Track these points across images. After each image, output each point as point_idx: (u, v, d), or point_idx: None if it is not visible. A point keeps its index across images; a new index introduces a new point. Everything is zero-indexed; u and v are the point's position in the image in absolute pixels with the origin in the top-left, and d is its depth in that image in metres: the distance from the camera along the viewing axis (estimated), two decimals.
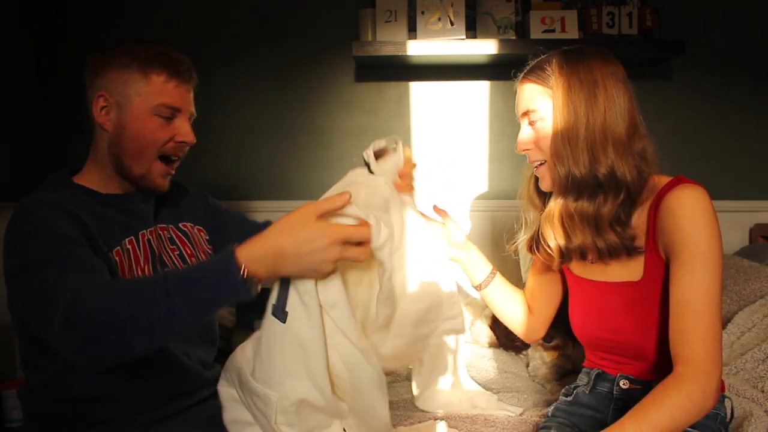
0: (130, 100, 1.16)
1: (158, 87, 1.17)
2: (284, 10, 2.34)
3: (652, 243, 1.04)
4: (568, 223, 1.08)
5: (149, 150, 1.18)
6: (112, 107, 1.17)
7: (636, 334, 1.08)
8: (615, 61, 1.10)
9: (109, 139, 1.18)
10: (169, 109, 1.18)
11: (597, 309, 1.14)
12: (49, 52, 2.35)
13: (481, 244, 2.34)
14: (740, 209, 2.29)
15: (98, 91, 1.17)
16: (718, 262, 0.97)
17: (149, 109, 1.16)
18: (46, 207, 1.08)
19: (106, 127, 1.17)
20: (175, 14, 2.35)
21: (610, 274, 1.11)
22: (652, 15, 2.14)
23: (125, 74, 1.16)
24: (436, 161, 2.37)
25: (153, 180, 1.20)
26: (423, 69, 2.33)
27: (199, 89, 1.25)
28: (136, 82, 1.16)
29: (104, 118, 1.17)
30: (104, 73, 1.17)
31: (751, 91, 2.32)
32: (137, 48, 1.18)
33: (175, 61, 1.19)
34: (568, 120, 1.05)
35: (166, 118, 1.18)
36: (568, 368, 1.59)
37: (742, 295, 1.72)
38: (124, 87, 1.16)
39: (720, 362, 0.95)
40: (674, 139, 2.31)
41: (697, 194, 1.00)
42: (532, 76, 1.11)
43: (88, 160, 1.24)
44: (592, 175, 1.04)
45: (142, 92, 1.16)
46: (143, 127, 1.16)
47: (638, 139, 1.06)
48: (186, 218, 1.34)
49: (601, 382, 1.16)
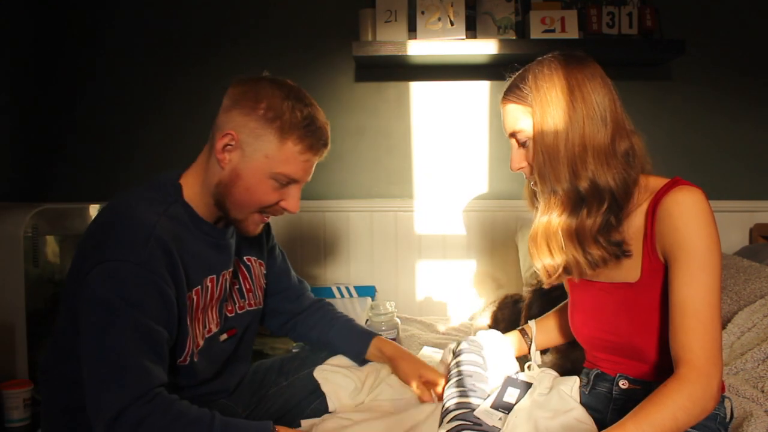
0: (255, 156, 1.11)
1: (289, 156, 1.11)
2: (284, 10, 2.34)
3: (649, 245, 1.04)
4: (551, 241, 1.08)
5: (252, 206, 1.16)
6: (235, 150, 1.12)
7: (633, 334, 1.08)
8: (590, 63, 1.07)
9: (221, 178, 1.14)
10: (288, 179, 1.14)
11: (595, 309, 1.15)
12: (50, 52, 2.35)
13: (481, 244, 2.36)
14: (740, 209, 2.29)
15: (229, 128, 1.12)
16: (717, 264, 0.97)
17: (270, 173, 1.12)
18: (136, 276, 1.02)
19: (223, 165, 1.13)
20: (174, 14, 2.35)
21: (608, 275, 1.11)
22: (652, 15, 2.14)
23: (263, 129, 1.10)
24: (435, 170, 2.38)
25: (247, 227, 1.19)
26: (423, 69, 2.33)
27: (199, 89, 1.25)
28: (269, 143, 1.10)
29: (224, 156, 1.12)
30: (243, 114, 1.11)
31: (751, 91, 2.32)
32: (284, 104, 1.11)
33: (318, 134, 1.14)
34: (548, 138, 1.04)
35: (281, 183, 1.14)
36: (567, 368, 1.59)
37: (742, 295, 1.72)
38: (256, 141, 1.11)
39: (720, 364, 0.95)
40: (674, 139, 2.31)
41: (694, 196, 0.99)
42: (512, 96, 1.10)
43: (195, 173, 1.19)
44: (573, 190, 1.04)
45: (271, 156, 1.11)
46: (256, 186, 1.13)
47: (622, 139, 1.05)
48: (252, 252, 1.35)
49: (600, 382, 1.16)
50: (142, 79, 2.37)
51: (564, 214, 1.06)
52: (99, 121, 2.38)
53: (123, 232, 1.04)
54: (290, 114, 1.11)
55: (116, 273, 1.00)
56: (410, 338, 1.91)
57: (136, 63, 2.36)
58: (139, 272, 1.01)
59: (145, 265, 1.02)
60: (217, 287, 1.20)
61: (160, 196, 1.14)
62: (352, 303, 2.11)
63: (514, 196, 2.28)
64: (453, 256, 2.36)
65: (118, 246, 1.02)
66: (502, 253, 2.30)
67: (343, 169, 2.38)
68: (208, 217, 1.19)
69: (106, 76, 2.37)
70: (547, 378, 1.18)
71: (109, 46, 2.36)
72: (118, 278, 1.00)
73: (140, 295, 1.02)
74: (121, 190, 1.16)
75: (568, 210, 1.06)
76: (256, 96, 1.12)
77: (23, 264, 1.73)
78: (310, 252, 2.37)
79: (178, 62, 2.35)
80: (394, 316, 1.78)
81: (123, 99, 2.37)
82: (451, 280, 2.36)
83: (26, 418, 1.59)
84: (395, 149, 2.38)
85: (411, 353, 1.38)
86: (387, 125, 2.37)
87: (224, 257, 1.23)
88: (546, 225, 1.08)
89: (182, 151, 2.33)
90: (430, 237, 2.37)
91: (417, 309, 2.35)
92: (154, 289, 1.03)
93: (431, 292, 2.38)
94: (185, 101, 2.34)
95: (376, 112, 2.37)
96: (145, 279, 1.02)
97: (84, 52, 2.36)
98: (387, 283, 2.35)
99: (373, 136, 2.37)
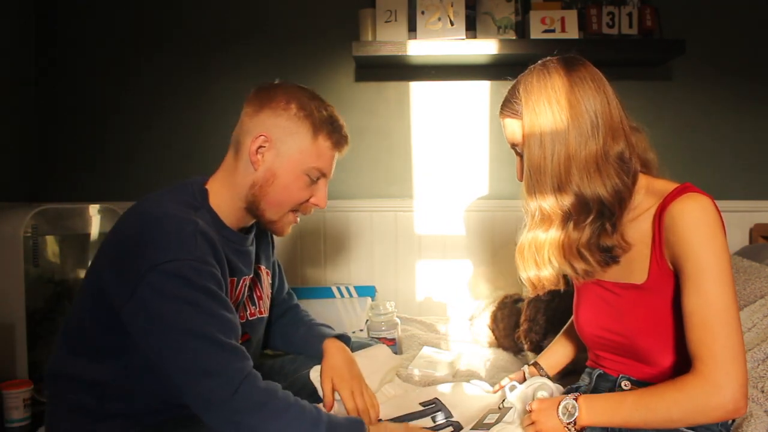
0: (290, 152, 1.17)
1: (321, 151, 1.19)
2: (284, 10, 2.34)
3: (658, 251, 1.03)
4: (538, 255, 1.08)
5: (288, 204, 1.21)
6: (269, 151, 1.17)
7: (637, 336, 1.07)
8: (580, 66, 1.05)
9: (255, 180, 1.18)
10: (320, 173, 1.21)
11: (600, 308, 1.14)
12: (50, 52, 2.35)
13: (481, 244, 2.36)
14: (740, 209, 2.29)
15: (261, 130, 1.17)
16: (727, 274, 0.96)
17: (305, 168, 1.18)
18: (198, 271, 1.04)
19: (257, 166, 1.17)
20: (174, 15, 2.35)
21: (615, 274, 1.11)
22: (652, 15, 2.14)
23: (297, 126, 1.17)
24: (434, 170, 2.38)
25: (281, 228, 1.25)
26: (423, 69, 2.33)
27: (199, 89, 1.26)
28: (304, 139, 1.17)
29: (258, 158, 1.17)
30: (274, 115, 1.17)
31: (750, 90, 2.32)
32: (312, 104, 1.19)
33: (341, 131, 1.22)
34: (534, 153, 1.04)
35: (312, 179, 1.21)
36: (568, 368, 1.59)
37: (742, 295, 1.72)
38: (290, 138, 1.17)
39: (738, 375, 0.93)
40: (674, 139, 2.31)
41: (702, 206, 0.98)
42: (507, 110, 1.10)
43: (222, 179, 1.22)
44: (559, 204, 1.04)
45: (305, 151, 1.18)
46: (293, 182, 1.19)
47: (616, 142, 1.03)
48: (263, 261, 1.39)
49: (602, 382, 1.16)
50: (143, 80, 2.36)
51: (551, 228, 1.06)
52: (99, 121, 2.38)
53: (169, 231, 1.04)
54: (318, 112, 1.18)
55: (179, 272, 1.01)
56: (410, 338, 1.91)
57: (136, 64, 2.36)
58: (198, 267, 1.03)
59: (201, 258, 1.04)
60: (235, 291, 1.23)
61: (187, 200, 1.16)
62: (352, 303, 2.11)
63: (514, 197, 2.27)
64: (453, 256, 2.36)
65: (169, 246, 1.03)
66: (502, 253, 2.30)
67: (343, 169, 2.36)
68: (233, 224, 1.22)
69: (106, 76, 2.36)
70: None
71: (109, 47, 2.36)
72: (182, 276, 1.01)
73: (207, 287, 1.04)
74: (122, 191, 1.16)
75: (554, 224, 1.06)
76: (286, 97, 1.18)
77: (23, 264, 1.73)
78: (310, 252, 2.37)
79: (179, 63, 2.35)
80: (394, 316, 1.79)
81: (123, 99, 2.37)
82: (451, 280, 2.36)
83: (26, 418, 1.59)
84: (395, 149, 2.38)
85: (346, 360, 1.34)
86: (387, 125, 2.37)
87: (246, 264, 1.25)
88: (532, 240, 1.09)
89: (182, 151, 2.35)
90: (430, 237, 2.37)
91: (417, 309, 2.35)
92: (215, 281, 1.06)
93: (431, 292, 2.38)
94: (186, 101, 2.34)
95: (376, 112, 2.37)
96: (207, 272, 1.04)
97: (84, 53, 2.36)
98: (387, 283, 2.35)
99: (373, 136, 2.37)
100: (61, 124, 2.37)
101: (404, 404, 1.31)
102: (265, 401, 1.02)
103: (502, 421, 1.12)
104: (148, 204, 1.13)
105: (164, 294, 1.00)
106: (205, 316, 1.02)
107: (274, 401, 1.03)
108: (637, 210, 1.07)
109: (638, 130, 1.10)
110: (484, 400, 1.30)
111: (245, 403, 1.00)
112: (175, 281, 1.01)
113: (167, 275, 1.01)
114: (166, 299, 1.00)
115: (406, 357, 1.73)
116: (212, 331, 1.01)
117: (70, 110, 2.37)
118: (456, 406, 1.28)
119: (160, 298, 1.00)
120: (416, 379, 1.57)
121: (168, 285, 1.00)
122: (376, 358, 1.42)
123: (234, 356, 1.03)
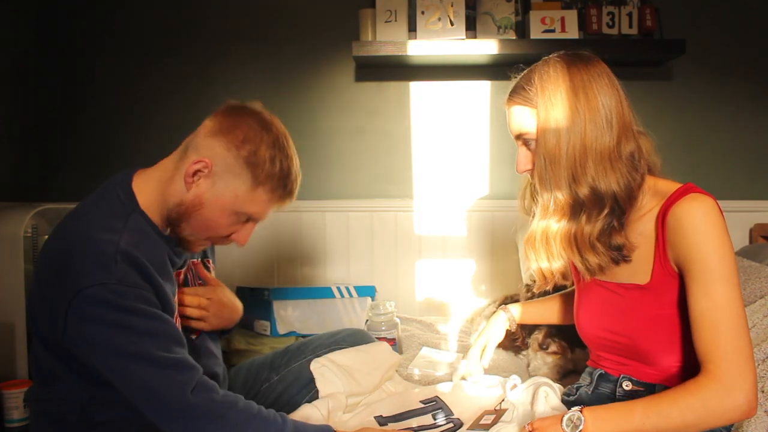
0: (224, 191, 1.10)
1: (256, 200, 1.12)
2: (284, 10, 2.34)
3: (662, 252, 1.03)
4: (549, 246, 1.08)
5: (206, 234, 1.16)
6: (207, 178, 1.10)
7: (639, 336, 1.07)
8: (597, 62, 1.07)
9: (183, 200, 1.11)
10: (249, 217, 1.15)
11: (602, 308, 1.14)
12: (50, 52, 2.35)
13: (481, 244, 2.36)
14: (740, 209, 2.29)
15: (207, 155, 1.09)
16: (733, 274, 0.96)
17: (234, 211, 1.12)
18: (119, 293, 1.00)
19: (189, 187, 1.10)
20: (174, 15, 2.35)
21: (617, 275, 1.10)
22: (652, 15, 2.14)
23: (241, 170, 1.09)
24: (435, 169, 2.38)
25: (192, 247, 1.19)
26: (423, 69, 2.33)
27: (199, 89, 1.25)
28: (242, 185, 1.10)
29: (191, 180, 1.10)
30: (226, 148, 1.09)
31: (750, 91, 2.32)
32: (269, 153, 1.10)
33: (288, 187, 1.15)
34: (550, 142, 1.03)
35: (240, 220, 1.15)
36: (569, 369, 1.59)
37: (742, 295, 1.72)
38: (230, 177, 1.10)
39: (749, 375, 0.92)
40: (674, 139, 2.31)
41: (706, 206, 0.98)
42: (517, 97, 1.09)
43: (155, 180, 1.16)
44: (573, 195, 1.03)
45: (240, 196, 1.10)
46: (217, 218, 1.12)
47: (628, 141, 1.04)
48: (208, 254, 1.36)
49: (603, 382, 1.16)
50: (142, 80, 2.36)
51: (563, 219, 1.05)
52: (99, 121, 2.38)
53: (87, 256, 1.01)
54: (270, 165, 1.10)
55: (103, 296, 0.98)
56: (410, 338, 1.91)
57: (135, 64, 2.36)
58: (120, 289, 1.00)
59: (123, 280, 1.00)
60: (179, 278, 1.21)
61: (115, 208, 1.11)
62: (352, 303, 2.11)
63: (514, 197, 2.26)
64: (453, 256, 2.36)
65: (90, 271, 0.99)
66: (502, 253, 2.30)
67: (343, 169, 2.38)
68: (162, 225, 1.16)
69: (106, 76, 2.36)
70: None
71: (109, 47, 2.36)
72: (106, 300, 0.98)
73: (135, 306, 1.01)
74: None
75: (567, 215, 1.05)
76: (244, 136, 1.10)
77: (23, 264, 1.73)
78: (310, 252, 2.37)
79: (178, 63, 2.35)
80: (394, 316, 1.78)
81: (123, 99, 2.37)
82: (451, 280, 2.36)
83: (26, 418, 1.59)
84: (395, 149, 2.38)
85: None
86: (387, 125, 2.37)
87: (179, 258, 1.21)
88: (544, 230, 1.07)
89: None
90: (430, 237, 2.37)
91: (417, 309, 2.35)
92: (143, 300, 1.03)
93: (431, 292, 2.38)
94: (185, 102, 2.33)
95: (376, 112, 2.37)
96: (132, 293, 1.01)
97: (84, 53, 2.36)
98: (387, 283, 2.35)
99: (373, 136, 2.37)
100: (61, 124, 2.37)
101: (405, 402, 1.31)
102: (224, 413, 1.01)
103: (500, 421, 1.12)
104: (72, 224, 1.09)
105: (93, 320, 0.99)
106: (139, 336, 1.00)
107: (234, 412, 1.02)
108: (641, 210, 1.07)
109: (644, 134, 1.10)
110: (484, 400, 1.30)
111: (203, 416, 0.99)
112: (100, 306, 0.98)
113: (91, 301, 0.98)
114: (96, 325, 0.99)
115: (405, 357, 1.73)
116: (149, 350, 0.99)
117: (70, 110, 2.37)
118: (456, 405, 1.28)
119: (90, 325, 0.99)
120: (416, 379, 1.57)
121: (95, 311, 0.98)
122: (377, 355, 1.42)
123: (176, 371, 1.01)
